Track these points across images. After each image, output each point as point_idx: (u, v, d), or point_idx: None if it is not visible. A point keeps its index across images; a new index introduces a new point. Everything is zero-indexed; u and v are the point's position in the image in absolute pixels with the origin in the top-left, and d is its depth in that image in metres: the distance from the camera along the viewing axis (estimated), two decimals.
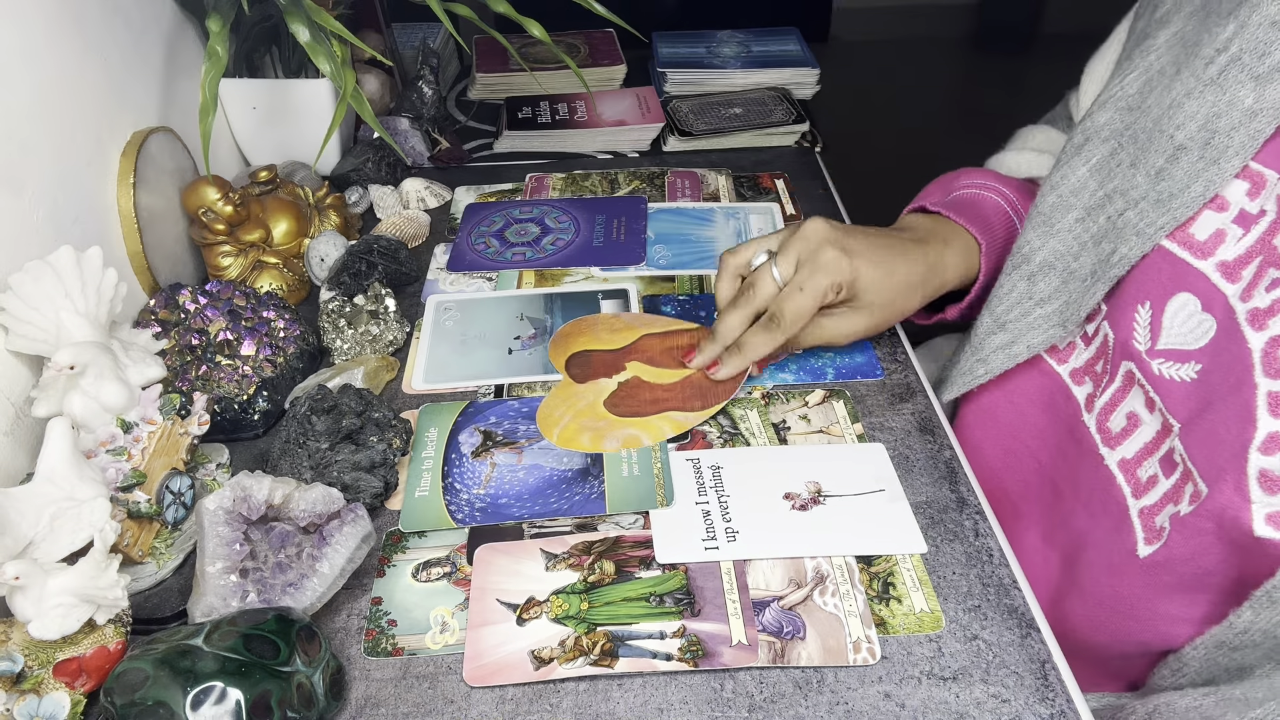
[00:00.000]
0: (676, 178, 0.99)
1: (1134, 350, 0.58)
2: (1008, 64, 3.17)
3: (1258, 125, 0.51)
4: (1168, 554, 0.54)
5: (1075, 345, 0.65)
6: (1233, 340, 0.51)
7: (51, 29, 0.68)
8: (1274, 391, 0.49)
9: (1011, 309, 0.66)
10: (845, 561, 0.57)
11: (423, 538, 0.61)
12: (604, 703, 0.51)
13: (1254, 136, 0.51)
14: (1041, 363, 0.68)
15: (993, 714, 0.49)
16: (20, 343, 0.60)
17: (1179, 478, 0.54)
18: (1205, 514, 0.51)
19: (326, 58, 0.75)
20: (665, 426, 0.67)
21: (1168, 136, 0.56)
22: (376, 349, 0.76)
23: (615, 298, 0.81)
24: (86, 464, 0.54)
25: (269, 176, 0.85)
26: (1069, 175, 0.62)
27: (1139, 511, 0.57)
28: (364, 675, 0.53)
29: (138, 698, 0.44)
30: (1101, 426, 0.62)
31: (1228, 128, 0.52)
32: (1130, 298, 0.59)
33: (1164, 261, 0.56)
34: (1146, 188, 0.57)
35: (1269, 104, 0.51)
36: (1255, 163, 0.53)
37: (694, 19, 2.93)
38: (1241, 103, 0.52)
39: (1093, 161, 0.61)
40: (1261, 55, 0.51)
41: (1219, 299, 0.53)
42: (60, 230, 0.68)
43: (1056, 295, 0.64)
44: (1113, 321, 0.60)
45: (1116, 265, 0.59)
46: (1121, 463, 0.60)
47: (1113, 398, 0.61)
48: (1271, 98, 0.51)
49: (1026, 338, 0.66)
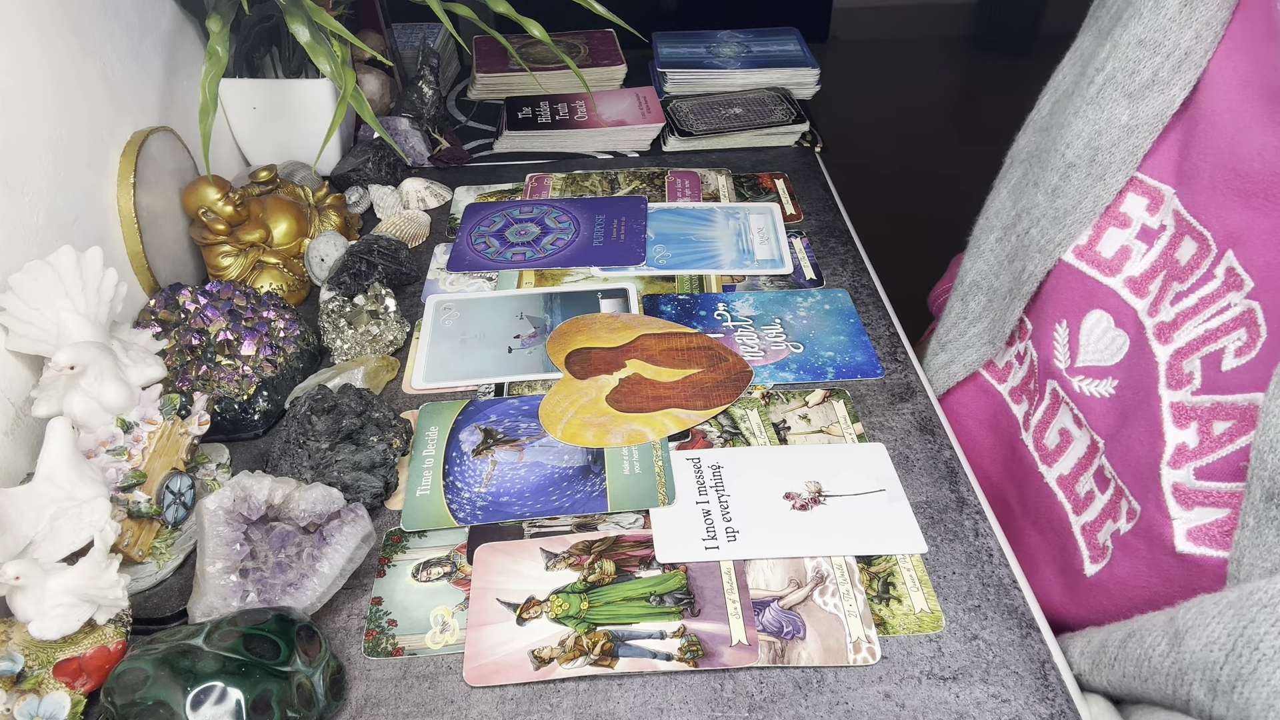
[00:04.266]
0: (676, 178, 0.99)
1: (1055, 369, 0.60)
2: (1008, 64, 3.16)
3: (1135, 140, 0.53)
4: (1111, 573, 0.54)
5: (1012, 365, 0.67)
6: (1142, 355, 0.52)
7: (51, 30, 0.68)
8: (1176, 403, 0.49)
9: (950, 329, 0.70)
10: (845, 561, 0.57)
11: (423, 537, 0.61)
12: (604, 703, 0.51)
13: (1133, 151, 0.53)
14: (984, 382, 0.70)
15: (993, 714, 0.49)
16: (20, 343, 0.60)
17: (1113, 493, 0.55)
18: (1140, 531, 0.51)
19: (326, 58, 0.75)
20: (668, 423, 0.67)
21: (1060, 154, 0.57)
22: (376, 349, 0.76)
23: (615, 297, 0.81)
24: (86, 464, 0.54)
25: (269, 176, 0.85)
26: (994, 199, 0.66)
27: (1081, 528, 0.58)
28: (364, 675, 0.53)
29: (138, 698, 0.44)
30: (1038, 444, 0.63)
31: (1109, 144, 0.54)
32: (1050, 316, 0.60)
33: (1075, 280, 0.58)
34: (1045, 205, 0.59)
35: (1143, 119, 0.53)
36: (1148, 177, 0.54)
37: (694, 19, 2.93)
38: (1119, 119, 0.54)
39: (1011, 183, 0.65)
40: (1132, 73, 0.53)
41: (1129, 314, 0.54)
42: (60, 230, 0.68)
43: (985, 313, 0.66)
44: (1036, 341, 0.62)
45: (1027, 282, 0.61)
46: (1060, 479, 0.61)
47: (1044, 416, 0.62)
48: (1145, 113, 0.52)
49: (963, 356, 0.69)
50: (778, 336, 0.76)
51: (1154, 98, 0.52)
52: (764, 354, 0.74)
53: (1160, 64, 0.51)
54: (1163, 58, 0.51)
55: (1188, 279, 0.50)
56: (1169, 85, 0.51)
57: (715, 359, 0.73)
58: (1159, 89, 0.52)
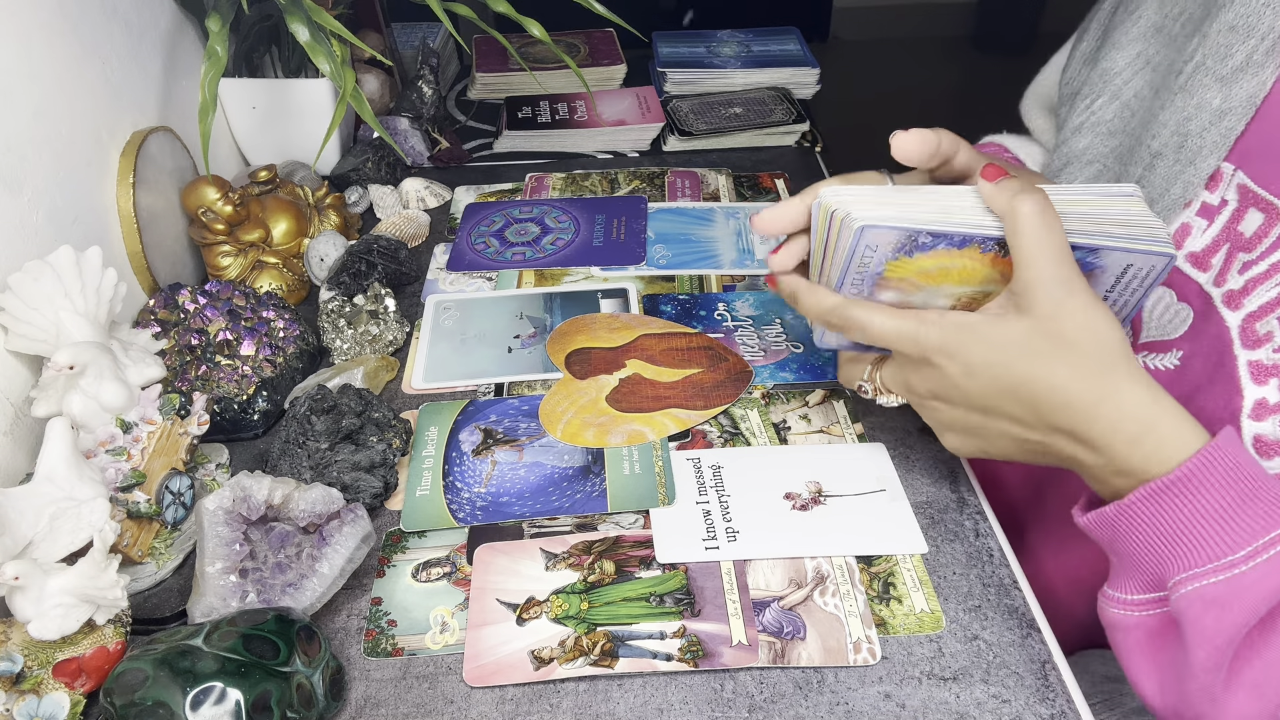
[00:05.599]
0: (676, 177, 0.99)
1: None
2: (1008, 64, 3.16)
3: (1228, 124, 0.53)
4: None
5: None
6: (1210, 322, 0.53)
7: (51, 30, 0.68)
8: (1254, 360, 0.50)
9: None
10: (845, 561, 0.57)
11: (422, 538, 0.60)
12: (604, 703, 0.51)
13: (1226, 134, 0.53)
14: None
15: (993, 714, 0.49)
16: (20, 343, 0.60)
17: None
18: None
19: (326, 57, 0.74)
20: (668, 423, 0.67)
21: (1145, 147, 0.57)
22: (376, 349, 0.75)
23: (615, 297, 0.81)
24: (86, 464, 0.54)
25: (269, 176, 0.85)
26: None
27: None
28: (364, 675, 0.53)
29: (137, 698, 0.44)
30: None
31: (1199, 129, 0.54)
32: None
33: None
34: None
35: (1236, 102, 0.52)
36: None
37: (694, 19, 2.92)
38: (1210, 104, 0.53)
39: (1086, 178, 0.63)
40: (1223, 58, 0.53)
41: (1193, 287, 0.55)
42: (60, 230, 0.68)
43: None
44: None
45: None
46: None
47: None
48: (1238, 96, 0.52)
49: None
50: (778, 336, 0.76)
51: (1247, 80, 0.52)
52: (764, 354, 0.74)
53: (1255, 47, 0.52)
54: (1257, 40, 0.52)
55: (1255, 248, 0.51)
56: (1262, 68, 0.52)
57: (715, 359, 0.73)
58: (1252, 72, 0.52)
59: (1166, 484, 0.45)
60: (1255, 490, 0.44)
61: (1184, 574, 0.44)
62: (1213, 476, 0.44)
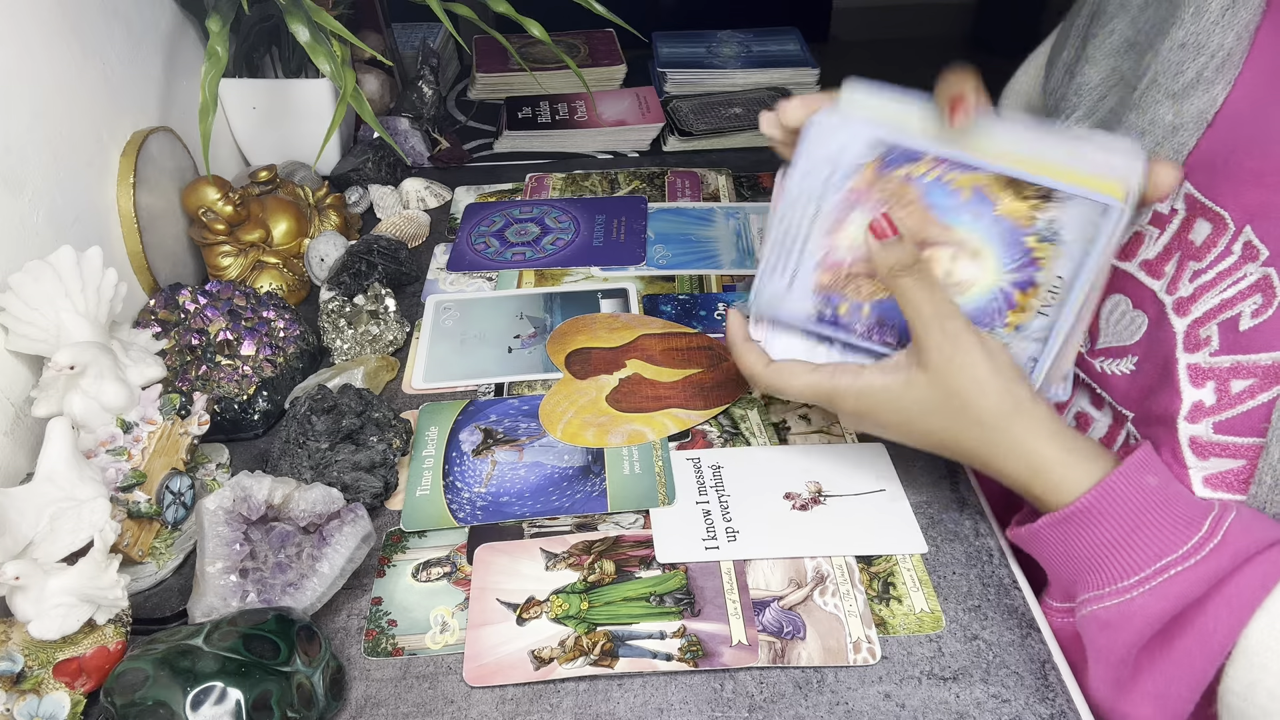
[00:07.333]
0: (676, 178, 0.99)
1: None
2: (1008, 64, 3.17)
3: (1180, 139, 0.54)
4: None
5: None
6: (1161, 329, 0.54)
7: (51, 30, 0.68)
8: (1192, 364, 0.52)
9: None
10: (845, 561, 0.57)
11: (423, 537, 0.61)
12: (604, 703, 0.51)
13: (1178, 150, 0.54)
14: None
15: (993, 714, 0.49)
16: (20, 343, 0.60)
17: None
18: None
19: (326, 58, 0.75)
20: (668, 423, 0.67)
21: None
22: (376, 349, 0.76)
23: (615, 297, 0.81)
24: (86, 464, 0.54)
25: (269, 176, 0.85)
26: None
27: None
28: (364, 675, 0.53)
29: (138, 698, 0.44)
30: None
31: (1153, 145, 0.55)
32: None
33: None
34: None
35: (1187, 118, 0.54)
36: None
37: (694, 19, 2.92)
38: (1163, 120, 0.55)
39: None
40: (1175, 75, 0.54)
41: (1148, 294, 0.56)
42: (60, 230, 0.68)
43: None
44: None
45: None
46: None
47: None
48: (1189, 112, 0.54)
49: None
50: None
51: (1198, 96, 0.53)
52: None
53: (1205, 64, 0.53)
54: (1207, 58, 0.53)
55: (1204, 257, 0.53)
56: (1212, 84, 0.53)
57: (715, 359, 0.73)
58: (1203, 88, 0.53)
59: (1065, 515, 0.49)
60: (1150, 520, 0.47)
61: (1086, 594, 0.49)
62: (1109, 507, 0.48)
